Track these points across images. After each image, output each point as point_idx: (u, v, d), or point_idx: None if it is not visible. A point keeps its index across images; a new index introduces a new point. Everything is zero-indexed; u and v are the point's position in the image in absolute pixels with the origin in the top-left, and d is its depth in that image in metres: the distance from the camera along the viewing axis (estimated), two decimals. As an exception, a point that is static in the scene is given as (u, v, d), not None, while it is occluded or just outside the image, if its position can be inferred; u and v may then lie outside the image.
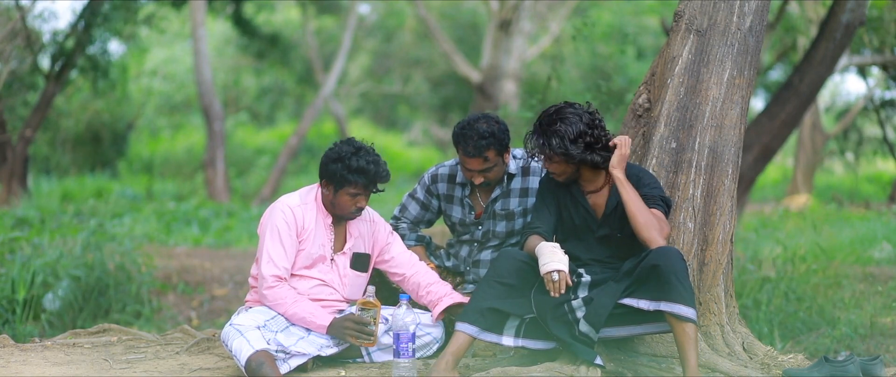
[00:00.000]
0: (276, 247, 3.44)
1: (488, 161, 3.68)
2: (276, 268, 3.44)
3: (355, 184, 3.43)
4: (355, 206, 3.49)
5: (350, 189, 3.44)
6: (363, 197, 3.48)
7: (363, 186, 3.44)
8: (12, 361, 3.62)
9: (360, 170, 3.42)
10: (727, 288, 3.73)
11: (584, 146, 3.28)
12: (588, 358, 3.25)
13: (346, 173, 3.42)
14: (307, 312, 3.41)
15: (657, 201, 3.29)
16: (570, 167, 3.35)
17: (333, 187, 3.47)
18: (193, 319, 7.01)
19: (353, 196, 3.46)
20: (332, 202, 3.51)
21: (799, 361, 3.58)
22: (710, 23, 3.84)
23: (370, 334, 3.37)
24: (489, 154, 3.67)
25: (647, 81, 3.96)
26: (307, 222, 3.51)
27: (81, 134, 17.33)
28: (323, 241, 3.54)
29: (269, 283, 3.44)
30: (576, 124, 3.27)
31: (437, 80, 21.29)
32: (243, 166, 19.30)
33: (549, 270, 3.17)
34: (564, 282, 3.16)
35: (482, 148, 3.65)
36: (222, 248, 9.35)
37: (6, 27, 9.84)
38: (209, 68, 15.18)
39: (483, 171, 3.71)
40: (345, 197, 3.47)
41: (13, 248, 6.71)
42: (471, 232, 3.95)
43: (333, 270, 3.57)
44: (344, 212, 3.51)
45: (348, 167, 3.41)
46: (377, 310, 3.39)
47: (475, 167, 3.70)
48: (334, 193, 3.48)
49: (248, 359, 3.23)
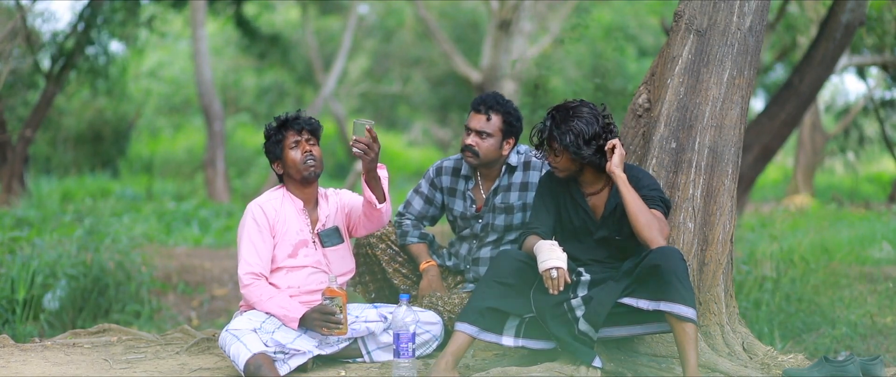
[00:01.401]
0: (247, 248, 3.51)
1: (490, 123, 3.73)
2: (249, 266, 3.50)
3: (286, 135, 3.55)
4: (305, 156, 3.55)
5: (287, 142, 3.55)
6: (304, 142, 3.55)
7: (295, 131, 3.54)
8: (12, 361, 3.62)
9: (281, 122, 3.58)
10: (727, 288, 3.73)
11: (596, 148, 3.29)
12: (586, 359, 3.25)
13: (273, 133, 3.58)
14: (279, 308, 3.43)
15: (657, 202, 3.29)
16: (575, 166, 3.35)
17: (275, 155, 3.58)
18: (193, 319, 7.01)
19: (293, 146, 3.55)
20: (289, 173, 3.58)
21: (799, 361, 3.58)
22: (710, 23, 3.84)
23: (338, 323, 3.37)
24: (494, 118, 3.74)
25: (646, 81, 3.96)
26: (278, 213, 3.56)
27: (83, 132, 17.34)
28: (300, 227, 3.59)
29: (244, 283, 3.50)
30: (592, 125, 3.28)
31: (437, 80, 21.27)
32: (243, 166, 19.30)
33: (548, 267, 3.17)
34: (563, 279, 3.16)
35: (492, 107, 3.73)
36: (222, 248, 9.35)
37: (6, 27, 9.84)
38: (209, 68, 15.18)
39: (478, 133, 3.75)
40: (289, 153, 3.55)
41: (13, 248, 6.71)
42: (471, 225, 3.95)
43: (318, 251, 3.61)
44: (300, 169, 3.55)
45: (273, 129, 3.58)
46: (341, 297, 3.38)
47: (474, 125, 3.75)
48: (282, 159, 3.57)
49: (246, 362, 3.24)
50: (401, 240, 4.01)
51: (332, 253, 3.64)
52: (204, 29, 14.99)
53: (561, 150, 3.31)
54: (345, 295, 3.41)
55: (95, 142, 17.62)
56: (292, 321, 3.40)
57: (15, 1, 10.97)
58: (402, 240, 4.01)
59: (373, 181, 3.44)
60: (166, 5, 13.36)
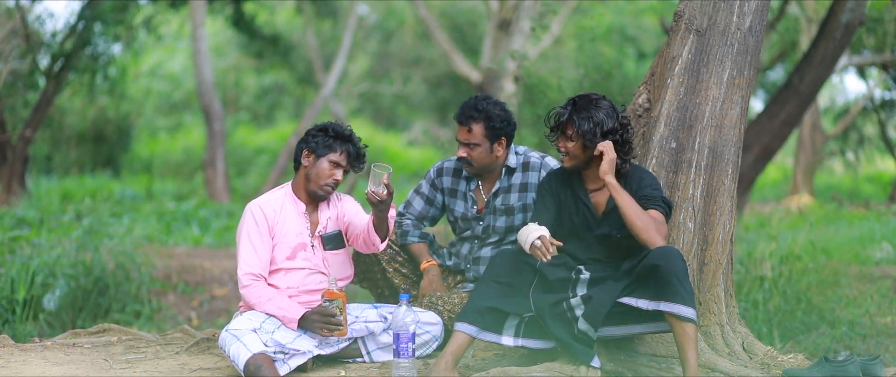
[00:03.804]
0: (246, 249, 3.51)
1: (472, 134, 3.74)
2: (248, 267, 3.50)
3: (339, 151, 3.51)
4: (332, 178, 3.53)
5: (332, 156, 3.52)
6: (341, 170, 3.53)
7: (346, 154, 3.52)
8: (12, 361, 3.62)
9: (345, 137, 3.53)
10: (727, 288, 3.73)
11: (611, 142, 3.31)
12: (585, 359, 3.25)
13: (331, 140, 3.52)
14: (278, 309, 3.43)
15: (658, 202, 3.30)
16: (584, 155, 3.36)
17: (315, 155, 3.53)
18: (193, 319, 7.01)
19: (332, 165, 3.52)
20: (308, 175, 3.54)
21: (799, 361, 3.58)
22: (709, 23, 3.84)
23: (338, 325, 3.37)
24: (475, 127, 3.73)
25: (646, 81, 3.96)
26: (278, 214, 3.55)
27: (85, 131, 17.33)
28: (299, 229, 3.58)
29: (243, 283, 3.50)
30: (612, 118, 3.32)
31: (437, 80, 21.26)
32: (243, 166, 19.29)
33: (530, 241, 3.19)
34: (548, 243, 3.16)
35: (470, 117, 3.73)
36: (222, 248, 9.34)
37: (6, 27, 9.83)
38: (209, 68, 15.17)
39: (466, 145, 3.76)
40: (325, 164, 3.52)
41: (13, 248, 6.71)
42: (472, 227, 3.95)
43: (317, 255, 3.60)
44: (319, 183, 3.53)
45: (335, 133, 3.53)
46: (341, 300, 3.38)
47: (461, 138, 3.77)
48: (315, 161, 3.53)
49: (246, 362, 3.24)
50: (401, 240, 4.01)
51: (332, 257, 3.64)
52: (204, 29, 14.98)
53: (577, 136, 3.33)
54: (344, 297, 3.42)
55: (96, 141, 17.61)
56: (291, 322, 3.40)
57: (15, 1, 10.96)
58: (402, 240, 4.01)
59: (380, 225, 3.45)
60: (163, 5, 13.34)
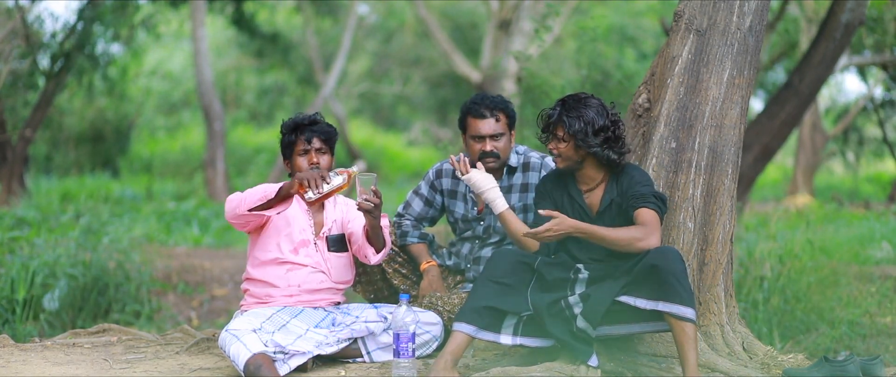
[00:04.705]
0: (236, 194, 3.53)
1: (499, 123, 3.75)
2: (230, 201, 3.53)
3: (299, 141, 3.57)
4: (312, 165, 3.57)
5: (298, 149, 3.58)
6: (312, 152, 3.57)
7: (305, 140, 3.56)
8: (12, 361, 3.62)
9: (294, 127, 3.59)
10: (727, 288, 3.73)
11: (603, 140, 3.31)
12: (584, 357, 3.25)
13: (287, 137, 3.61)
14: (258, 192, 3.45)
15: (649, 198, 3.29)
16: (577, 156, 3.36)
17: (288, 159, 3.62)
18: (193, 319, 7.01)
19: (302, 153, 3.58)
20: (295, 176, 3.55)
21: (799, 361, 3.58)
22: (709, 23, 3.84)
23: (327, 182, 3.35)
24: (501, 116, 3.75)
25: (646, 81, 3.96)
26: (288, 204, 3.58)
27: (85, 131, 17.33)
28: (303, 226, 3.61)
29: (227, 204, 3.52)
30: (602, 116, 3.32)
31: (437, 81, 21.27)
32: (242, 166, 19.29)
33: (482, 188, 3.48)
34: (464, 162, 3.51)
35: (495, 107, 3.75)
36: (222, 248, 9.34)
37: (6, 27, 9.83)
38: (209, 68, 15.16)
39: (494, 137, 3.75)
40: (298, 160, 3.58)
41: (13, 248, 6.71)
42: (473, 228, 3.95)
43: (318, 254, 3.62)
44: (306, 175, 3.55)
45: (286, 130, 3.61)
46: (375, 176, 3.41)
47: (487, 130, 3.74)
48: (291, 163, 3.60)
49: (246, 362, 3.24)
50: (400, 241, 4.01)
51: (335, 258, 3.65)
52: (204, 29, 14.97)
53: (568, 137, 3.33)
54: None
55: (96, 141, 17.61)
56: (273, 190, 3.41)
57: (15, 1, 10.96)
58: (401, 241, 4.01)
59: (374, 233, 3.48)
60: (163, 5, 13.33)
